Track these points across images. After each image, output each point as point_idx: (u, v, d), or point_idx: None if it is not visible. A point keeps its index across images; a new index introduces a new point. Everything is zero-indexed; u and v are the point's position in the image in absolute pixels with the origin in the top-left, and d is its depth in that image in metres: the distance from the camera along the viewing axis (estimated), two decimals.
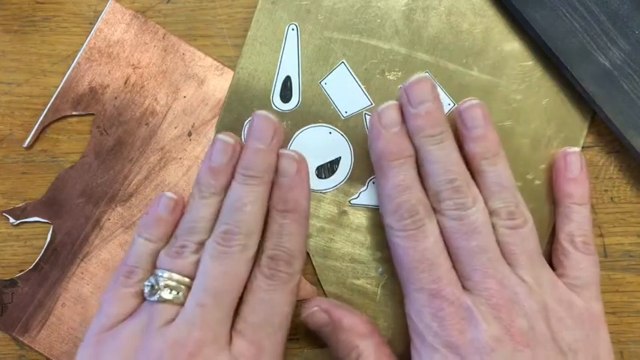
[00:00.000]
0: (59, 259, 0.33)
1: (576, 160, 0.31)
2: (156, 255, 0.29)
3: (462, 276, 0.28)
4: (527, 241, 0.29)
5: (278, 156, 0.30)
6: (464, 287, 0.28)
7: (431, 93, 0.29)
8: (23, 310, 0.32)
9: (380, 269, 0.32)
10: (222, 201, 0.29)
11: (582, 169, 0.31)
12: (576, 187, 0.31)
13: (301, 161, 0.30)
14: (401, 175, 0.29)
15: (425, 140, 0.29)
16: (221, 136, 0.30)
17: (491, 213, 0.29)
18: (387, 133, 0.29)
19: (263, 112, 0.30)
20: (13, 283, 0.33)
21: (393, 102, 0.30)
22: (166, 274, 0.28)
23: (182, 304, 0.28)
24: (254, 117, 0.30)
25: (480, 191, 0.29)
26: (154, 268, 0.29)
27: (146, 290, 0.28)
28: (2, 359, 0.33)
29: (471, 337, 0.27)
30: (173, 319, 0.27)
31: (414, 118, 0.29)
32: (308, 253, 0.32)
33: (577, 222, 0.31)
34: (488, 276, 0.27)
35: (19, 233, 0.33)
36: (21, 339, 0.32)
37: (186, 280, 0.28)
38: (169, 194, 0.31)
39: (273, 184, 0.30)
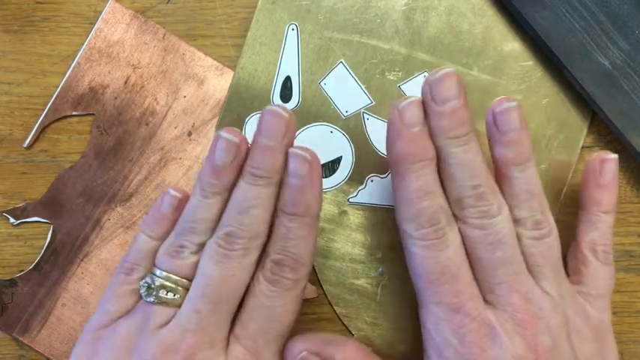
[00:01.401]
0: (59, 259, 0.33)
1: (612, 167, 0.30)
2: (157, 252, 0.29)
3: (484, 288, 0.26)
4: (551, 251, 0.27)
5: (288, 154, 0.27)
6: (486, 300, 0.26)
7: (458, 89, 0.27)
8: (23, 310, 0.32)
9: (380, 269, 0.32)
10: (225, 200, 0.28)
11: (615, 176, 0.30)
12: (606, 195, 0.30)
13: (313, 161, 0.27)
14: (422, 179, 0.26)
15: (449, 142, 0.27)
16: (224, 134, 0.27)
17: (517, 222, 0.27)
18: (408, 132, 0.27)
19: (274, 106, 0.27)
20: (13, 283, 0.33)
21: (414, 98, 0.27)
22: (164, 275, 0.27)
23: (179, 306, 0.27)
24: (264, 112, 0.27)
25: (505, 198, 0.27)
26: (154, 265, 0.28)
27: (142, 290, 0.27)
28: (2, 359, 0.33)
29: (494, 356, 0.25)
30: (169, 321, 0.27)
31: (439, 116, 0.27)
32: None
33: (601, 230, 0.30)
34: (513, 290, 0.26)
35: (19, 233, 0.33)
36: (21, 339, 0.32)
37: (184, 281, 0.27)
38: (173, 192, 0.29)
39: (282, 184, 0.28)
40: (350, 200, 0.33)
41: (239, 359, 0.26)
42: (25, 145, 0.33)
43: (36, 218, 0.33)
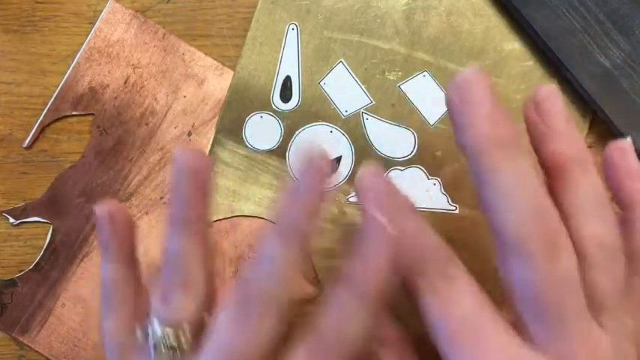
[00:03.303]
0: (59, 259, 0.33)
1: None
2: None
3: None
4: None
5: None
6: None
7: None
8: (23, 310, 0.32)
9: None
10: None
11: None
12: None
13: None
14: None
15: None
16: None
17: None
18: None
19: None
20: (12, 283, 0.33)
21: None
22: (160, 332, 0.22)
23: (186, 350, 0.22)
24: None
25: (566, 210, 0.21)
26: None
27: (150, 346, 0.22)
28: (2, 359, 0.33)
29: None
30: None
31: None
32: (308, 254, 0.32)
33: None
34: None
35: (19, 233, 0.33)
36: (21, 339, 0.32)
37: (184, 327, 0.22)
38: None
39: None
40: (350, 200, 0.33)
41: None
42: (25, 145, 0.33)
43: (36, 218, 0.33)
